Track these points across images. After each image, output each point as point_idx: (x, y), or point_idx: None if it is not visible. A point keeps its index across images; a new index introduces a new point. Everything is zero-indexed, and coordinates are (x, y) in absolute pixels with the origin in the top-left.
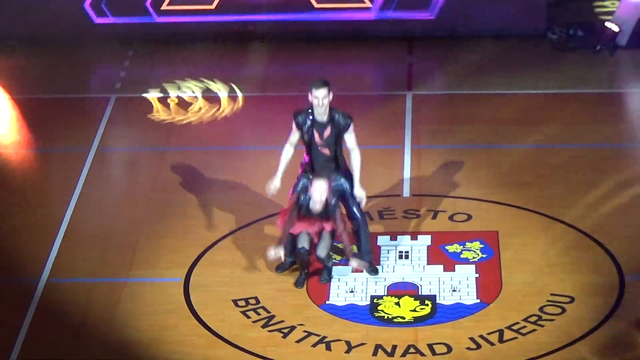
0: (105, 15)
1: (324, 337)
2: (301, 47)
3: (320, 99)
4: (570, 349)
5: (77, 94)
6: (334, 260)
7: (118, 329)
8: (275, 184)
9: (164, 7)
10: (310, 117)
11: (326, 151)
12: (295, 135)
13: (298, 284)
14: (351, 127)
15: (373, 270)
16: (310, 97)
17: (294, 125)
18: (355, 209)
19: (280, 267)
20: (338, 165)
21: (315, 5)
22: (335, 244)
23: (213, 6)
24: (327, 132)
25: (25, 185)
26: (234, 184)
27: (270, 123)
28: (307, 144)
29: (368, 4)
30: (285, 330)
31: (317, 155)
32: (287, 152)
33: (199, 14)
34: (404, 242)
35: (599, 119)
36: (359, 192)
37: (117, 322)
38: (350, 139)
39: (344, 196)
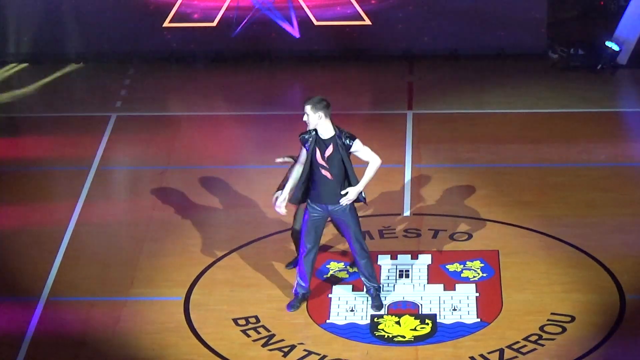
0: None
1: (324, 356)
2: (302, 66)
3: (304, 114)
4: None
5: (78, 112)
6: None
7: (118, 348)
8: (283, 194)
9: (166, 24)
10: (314, 134)
11: (327, 174)
12: (302, 154)
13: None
14: (357, 143)
15: (377, 306)
16: None
17: (301, 145)
18: (352, 241)
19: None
20: (339, 194)
21: (315, 23)
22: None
23: (214, 24)
24: (329, 150)
25: (25, 203)
26: (235, 202)
27: (271, 142)
28: (309, 163)
29: (368, 22)
30: (286, 349)
31: (317, 177)
32: (296, 171)
33: (201, 32)
34: (405, 261)
35: (600, 138)
36: (350, 194)
37: (118, 340)
38: (363, 153)
39: (342, 226)
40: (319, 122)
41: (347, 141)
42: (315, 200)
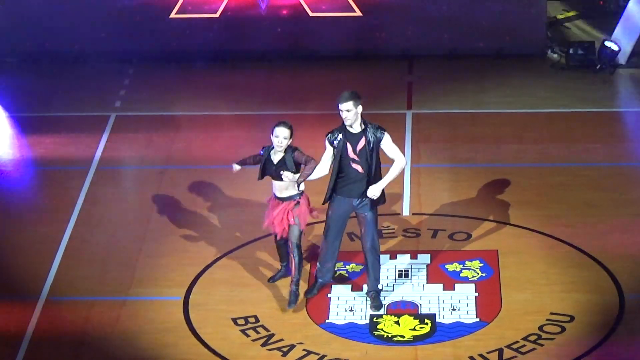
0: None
1: (324, 356)
2: (301, 66)
3: (344, 111)
4: None
5: (78, 112)
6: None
7: (117, 347)
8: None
9: (173, 15)
10: (343, 131)
11: (358, 167)
12: (327, 153)
13: (290, 303)
14: (387, 138)
15: (376, 307)
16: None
17: (326, 143)
18: (368, 239)
19: (308, 292)
20: (367, 189)
21: (310, 14)
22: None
23: (217, 14)
24: (361, 144)
25: (25, 203)
26: (234, 202)
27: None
28: (338, 159)
29: (358, 13)
30: (285, 349)
31: (348, 172)
32: (321, 168)
33: (200, 33)
34: (404, 261)
35: (599, 138)
36: (373, 190)
37: (117, 340)
38: (390, 149)
39: (363, 223)
40: (357, 116)
41: (378, 133)
42: (344, 194)
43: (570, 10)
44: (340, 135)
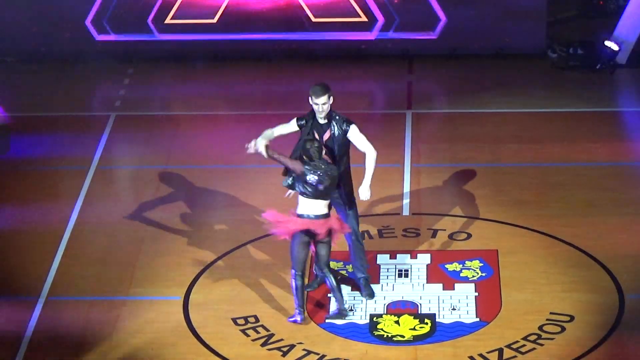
0: (106, 33)
1: (323, 356)
2: (301, 66)
3: (320, 105)
4: None
5: (77, 112)
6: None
7: (117, 347)
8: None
9: (168, 20)
10: (312, 119)
11: (327, 158)
12: (284, 128)
13: (309, 287)
14: (354, 130)
15: (368, 294)
16: (310, 102)
17: (293, 121)
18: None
19: (309, 286)
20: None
21: (313, 19)
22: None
23: (215, 20)
24: (327, 135)
25: (25, 203)
26: (234, 202)
27: (270, 141)
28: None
29: (364, 18)
30: (285, 349)
31: None
32: (268, 131)
33: (200, 32)
34: (404, 260)
35: (599, 138)
36: (363, 193)
37: (117, 340)
38: (358, 141)
39: (342, 213)
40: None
41: (344, 126)
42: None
43: (570, 10)
44: (310, 123)
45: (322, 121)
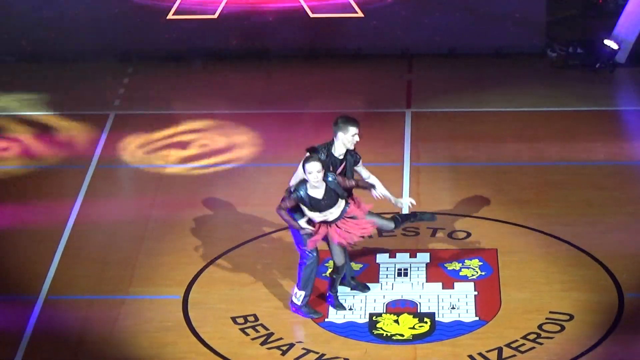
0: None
1: (323, 355)
2: (301, 65)
3: (357, 135)
4: None
5: (77, 111)
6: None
7: (117, 346)
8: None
9: (170, 17)
10: (326, 152)
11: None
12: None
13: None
14: (361, 162)
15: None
16: (343, 134)
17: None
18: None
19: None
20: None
21: (311, 15)
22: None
23: (215, 16)
24: (341, 168)
25: (24, 202)
26: (233, 201)
27: (270, 140)
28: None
29: (360, 14)
30: (284, 348)
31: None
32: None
33: (200, 31)
34: (403, 259)
35: (598, 137)
36: (407, 200)
37: (116, 339)
38: (364, 170)
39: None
40: None
41: (355, 157)
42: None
43: (569, 9)
44: (323, 156)
45: (337, 154)
